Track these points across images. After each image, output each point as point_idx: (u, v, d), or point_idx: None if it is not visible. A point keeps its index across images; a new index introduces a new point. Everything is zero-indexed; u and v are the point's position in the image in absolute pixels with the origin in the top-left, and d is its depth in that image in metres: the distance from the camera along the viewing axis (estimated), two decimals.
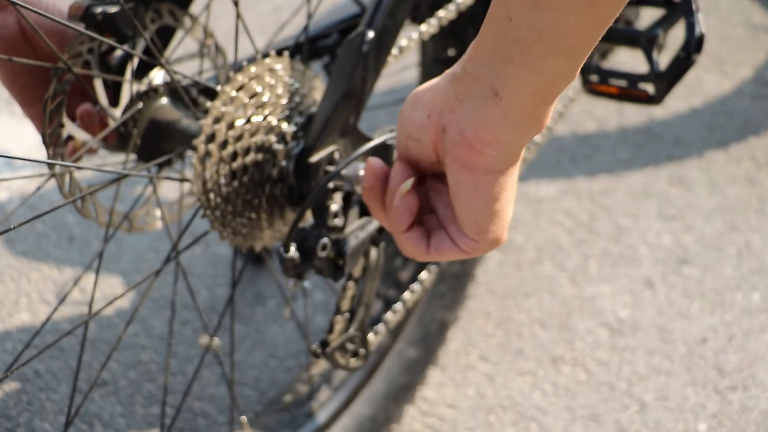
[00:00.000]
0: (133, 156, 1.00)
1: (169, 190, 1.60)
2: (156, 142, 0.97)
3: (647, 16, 1.29)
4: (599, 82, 1.20)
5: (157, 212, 1.06)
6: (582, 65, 0.63)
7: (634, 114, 1.91)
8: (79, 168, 0.88)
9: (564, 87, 0.64)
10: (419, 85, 1.44)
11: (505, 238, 0.74)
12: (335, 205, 0.86)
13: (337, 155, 0.88)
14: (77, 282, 0.99)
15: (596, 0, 0.59)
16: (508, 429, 1.30)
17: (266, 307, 1.48)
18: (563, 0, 0.59)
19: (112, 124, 0.95)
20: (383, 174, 0.76)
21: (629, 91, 1.18)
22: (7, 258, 1.54)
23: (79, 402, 1.27)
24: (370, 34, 0.84)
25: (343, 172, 0.83)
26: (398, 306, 1.14)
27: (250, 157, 0.86)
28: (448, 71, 0.69)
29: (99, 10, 0.89)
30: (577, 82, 1.25)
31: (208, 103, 0.83)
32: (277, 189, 0.89)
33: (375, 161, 0.76)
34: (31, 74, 0.93)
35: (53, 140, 0.91)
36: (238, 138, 0.85)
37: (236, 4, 0.88)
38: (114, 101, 0.97)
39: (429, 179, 0.76)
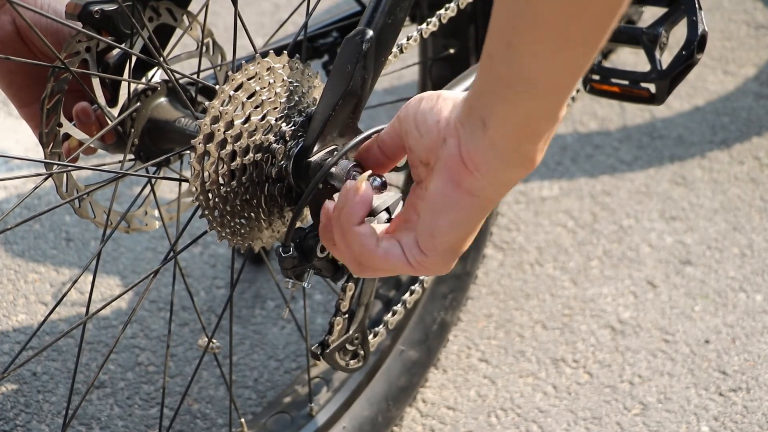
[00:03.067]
0: (130, 155, 0.99)
1: (167, 190, 1.59)
2: (154, 142, 0.97)
3: (649, 15, 1.28)
4: (601, 81, 1.19)
5: (155, 212, 1.05)
6: (562, 107, 0.64)
7: (636, 113, 1.90)
8: (76, 168, 0.87)
9: (548, 127, 0.65)
10: (419, 84, 1.44)
11: (451, 267, 0.75)
12: None
13: (336, 155, 0.87)
14: (75, 283, 0.98)
15: (566, 44, 0.59)
16: (509, 431, 1.29)
17: (265, 308, 1.47)
18: (533, 42, 0.60)
19: (110, 123, 0.94)
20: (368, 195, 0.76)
21: (631, 90, 1.17)
22: (5, 259, 1.53)
23: (76, 403, 1.27)
24: (370, 33, 0.83)
25: (335, 171, 0.83)
26: (398, 307, 1.13)
27: (249, 157, 0.85)
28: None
29: (96, 8, 0.89)
30: (578, 81, 1.24)
31: (207, 103, 0.82)
32: (276, 189, 0.88)
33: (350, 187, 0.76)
34: (27, 75, 0.92)
35: (50, 140, 0.90)
36: (237, 137, 0.84)
37: (235, 2, 0.87)
38: (112, 100, 0.96)
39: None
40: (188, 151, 0.84)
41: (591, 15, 0.58)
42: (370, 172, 0.77)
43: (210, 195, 0.85)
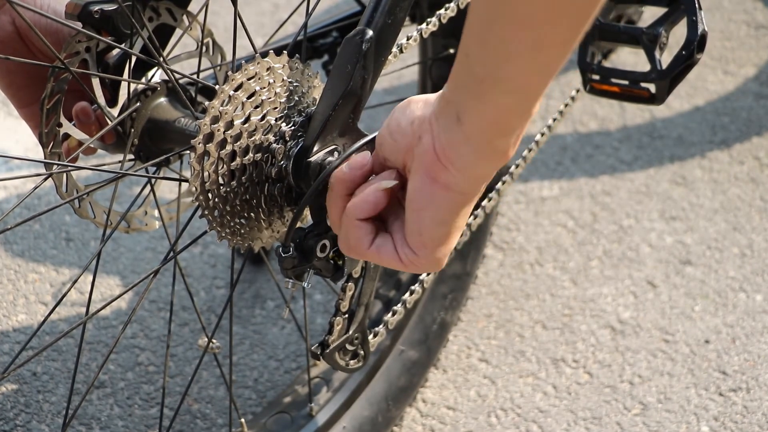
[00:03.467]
0: (130, 156, 0.99)
1: (167, 190, 1.59)
2: (154, 142, 0.97)
3: (649, 15, 1.28)
4: (601, 81, 1.19)
5: (155, 212, 1.05)
6: (535, 105, 0.65)
7: (636, 113, 1.90)
8: (76, 168, 0.87)
9: (520, 123, 0.67)
10: (419, 84, 1.44)
11: (443, 263, 0.76)
12: None
13: (336, 155, 0.87)
14: (75, 283, 0.98)
15: (540, 45, 0.61)
16: (509, 431, 1.29)
17: (265, 308, 1.47)
18: (507, 43, 0.61)
19: (110, 123, 0.94)
20: (369, 171, 0.79)
21: (631, 90, 1.17)
22: (5, 258, 1.53)
23: (76, 403, 1.27)
24: (369, 33, 0.83)
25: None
26: (398, 307, 1.13)
27: (249, 157, 0.85)
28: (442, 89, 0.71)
29: (96, 8, 0.89)
30: (578, 81, 1.24)
31: (207, 103, 0.82)
32: (276, 189, 0.88)
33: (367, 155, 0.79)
34: (27, 75, 0.92)
35: (50, 140, 0.90)
36: (237, 137, 0.84)
37: (234, 2, 0.87)
38: (112, 100, 0.96)
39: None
40: (188, 151, 0.84)
41: (566, 17, 0.60)
42: (398, 182, 0.76)
43: (210, 195, 0.85)
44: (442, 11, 1.09)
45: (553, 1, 0.59)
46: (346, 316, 1.01)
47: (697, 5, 1.11)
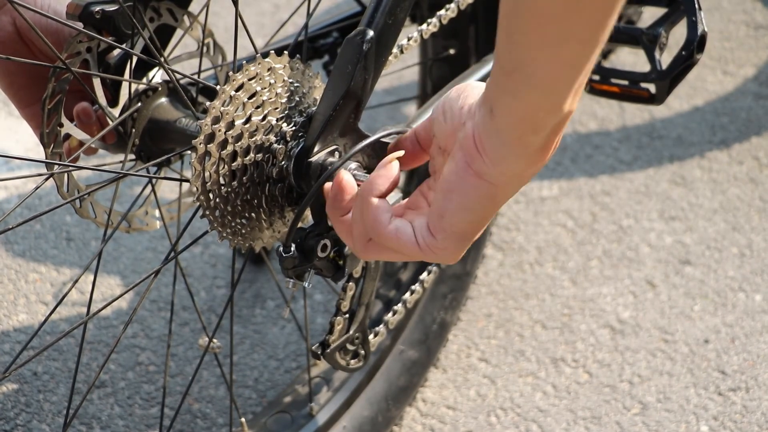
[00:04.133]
0: (131, 156, 0.99)
1: (167, 190, 1.59)
2: (155, 142, 0.97)
3: (649, 15, 1.28)
4: (601, 81, 1.19)
5: (156, 212, 1.05)
6: (564, 102, 0.65)
7: (635, 114, 1.90)
8: (77, 168, 0.88)
9: (550, 121, 0.66)
10: (419, 85, 1.44)
11: (458, 256, 0.76)
12: None
13: (337, 155, 0.87)
14: (75, 283, 0.99)
15: (563, 39, 0.61)
16: (509, 431, 1.30)
17: (266, 308, 1.48)
18: (531, 36, 0.61)
19: (111, 123, 0.94)
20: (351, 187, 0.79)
21: (631, 90, 1.17)
22: (5, 259, 1.53)
23: (77, 403, 1.27)
24: (370, 33, 0.83)
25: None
26: (399, 307, 1.13)
27: (250, 157, 0.86)
28: None
29: (97, 8, 0.89)
30: (581, 77, 1.24)
31: (208, 103, 0.83)
32: (277, 189, 0.89)
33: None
34: (28, 75, 0.92)
35: (51, 140, 0.91)
36: (238, 138, 0.84)
37: (235, 3, 0.87)
38: (113, 101, 0.96)
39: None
40: (189, 152, 0.84)
41: (588, 11, 0.59)
42: (403, 152, 0.78)
43: (211, 195, 0.85)
44: (442, 12, 1.09)
45: None
46: (347, 315, 1.01)
47: (696, 6, 1.11)
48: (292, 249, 0.85)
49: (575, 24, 0.60)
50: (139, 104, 0.96)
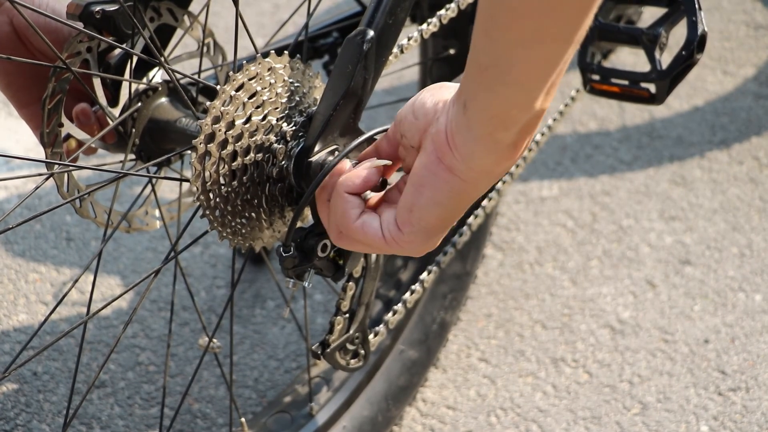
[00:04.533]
0: (131, 155, 0.99)
1: (167, 190, 1.59)
2: (155, 142, 0.97)
3: (649, 15, 1.28)
4: (601, 81, 1.19)
5: (156, 212, 1.05)
6: (536, 100, 0.65)
7: (635, 114, 1.90)
8: (77, 168, 0.88)
9: (521, 118, 0.67)
10: (419, 85, 1.44)
11: (423, 251, 0.77)
12: None
13: (337, 154, 0.87)
14: (75, 282, 0.99)
15: (540, 37, 0.62)
16: (509, 431, 1.30)
17: (266, 308, 1.48)
18: (509, 33, 0.62)
19: (111, 123, 0.94)
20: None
21: (631, 90, 1.17)
22: (5, 258, 1.53)
23: (77, 403, 1.27)
24: (371, 33, 0.83)
25: None
26: (399, 306, 1.13)
27: (250, 157, 0.86)
28: None
29: (98, 8, 0.89)
30: (578, 81, 1.24)
31: (208, 103, 0.83)
32: (277, 189, 0.89)
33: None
34: (26, 76, 0.92)
35: (51, 140, 0.91)
36: (238, 137, 0.84)
37: (236, 3, 0.87)
38: (113, 100, 0.96)
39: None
40: (189, 151, 0.84)
41: (566, 9, 0.60)
42: (389, 162, 0.79)
43: (211, 195, 0.85)
44: (442, 12, 1.09)
45: None
46: (347, 315, 1.01)
47: (696, 6, 1.11)
48: (292, 249, 0.85)
49: (553, 22, 0.61)
50: (140, 104, 0.96)
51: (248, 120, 0.85)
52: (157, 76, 0.98)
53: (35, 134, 0.94)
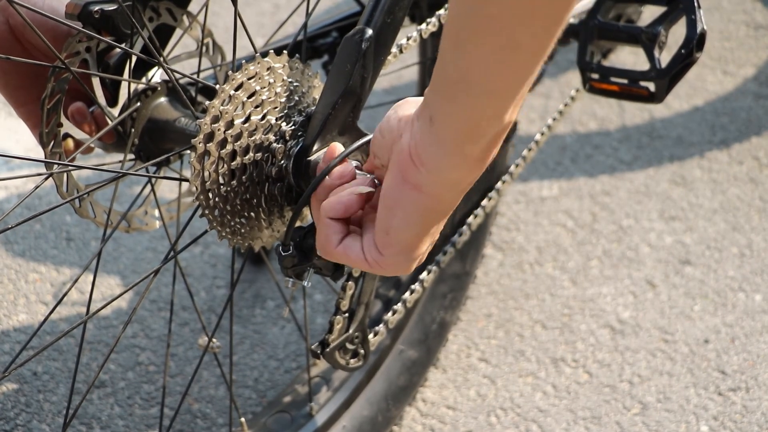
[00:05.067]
0: (131, 155, 0.99)
1: (167, 189, 1.59)
2: (154, 142, 0.97)
3: (648, 14, 1.28)
4: (600, 80, 1.19)
5: (156, 212, 1.05)
6: (506, 111, 0.65)
7: (635, 114, 1.90)
8: (77, 167, 0.88)
9: (490, 130, 0.66)
10: (419, 84, 1.44)
11: (410, 269, 0.76)
12: None
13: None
14: (75, 282, 0.99)
15: (511, 47, 0.61)
16: (509, 431, 1.30)
17: (265, 308, 1.48)
18: (481, 44, 0.61)
19: (110, 123, 0.94)
20: (351, 176, 0.80)
21: (630, 89, 1.17)
22: (5, 258, 1.53)
23: (77, 403, 1.27)
24: (369, 32, 0.83)
25: None
26: (398, 306, 1.13)
27: (249, 156, 0.86)
28: None
29: (96, 8, 0.89)
30: (578, 81, 1.24)
31: (207, 102, 0.83)
32: (276, 188, 0.89)
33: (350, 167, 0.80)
34: (23, 75, 0.92)
35: (50, 139, 0.91)
36: (237, 137, 0.84)
37: (235, 2, 0.87)
38: (112, 100, 0.96)
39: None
40: (188, 151, 0.84)
41: (535, 23, 0.60)
42: (374, 190, 0.78)
43: (210, 194, 0.85)
44: (441, 11, 1.09)
45: (522, 3, 0.59)
46: (347, 315, 1.01)
47: (696, 4, 1.11)
48: (291, 248, 0.85)
49: (524, 34, 0.60)
50: (139, 104, 0.96)
51: (247, 119, 0.85)
52: (156, 75, 0.98)
53: (33, 133, 0.94)
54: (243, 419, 1.15)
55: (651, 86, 1.14)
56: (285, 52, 0.88)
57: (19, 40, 0.91)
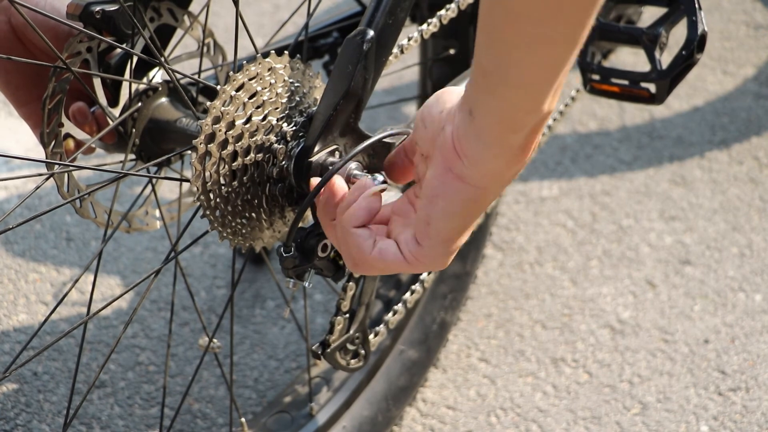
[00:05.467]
0: (131, 156, 0.99)
1: (167, 190, 1.59)
2: (155, 142, 0.97)
3: (649, 15, 1.28)
4: (601, 81, 1.19)
5: (156, 212, 1.05)
6: (544, 101, 0.65)
7: (635, 114, 1.90)
8: (77, 168, 0.87)
9: (529, 120, 0.66)
10: (419, 85, 1.44)
11: (447, 262, 0.76)
12: None
13: (337, 155, 0.87)
14: (75, 283, 0.99)
15: (541, 39, 0.61)
16: (509, 431, 1.30)
17: (266, 308, 1.48)
18: (509, 36, 0.61)
19: (111, 123, 0.94)
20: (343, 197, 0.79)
21: (631, 90, 1.17)
22: (5, 259, 1.53)
23: (77, 403, 1.27)
24: (371, 33, 0.83)
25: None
26: (399, 306, 1.13)
27: (250, 157, 0.86)
28: None
29: (98, 8, 0.89)
30: (578, 81, 1.24)
31: (208, 103, 0.83)
32: (277, 189, 0.89)
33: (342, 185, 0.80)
34: (24, 75, 0.92)
35: (51, 139, 0.91)
36: (238, 138, 0.84)
37: (236, 3, 0.87)
38: (113, 101, 0.96)
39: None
40: (189, 151, 0.84)
41: (566, 12, 0.60)
42: (385, 186, 0.78)
43: (211, 195, 0.85)
44: (442, 12, 1.09)
45: None
46: (347, 315, 1.01)
47: (696, 5, 1.11)
48: (293, 249, 0.85)
49: (554, 24, 0.60)
50: (140, 104, 0.96)
51: (248, 120, 0.85)
52: (157, 76, 0.98)
53: (34, 133, 0.94)
54: (243, 419, 1.15)
55: (652, 87, 1.14)
56: (286, 52, 0.88)
57: (20, 40, 0.91)
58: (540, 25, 0.60)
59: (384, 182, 0.80)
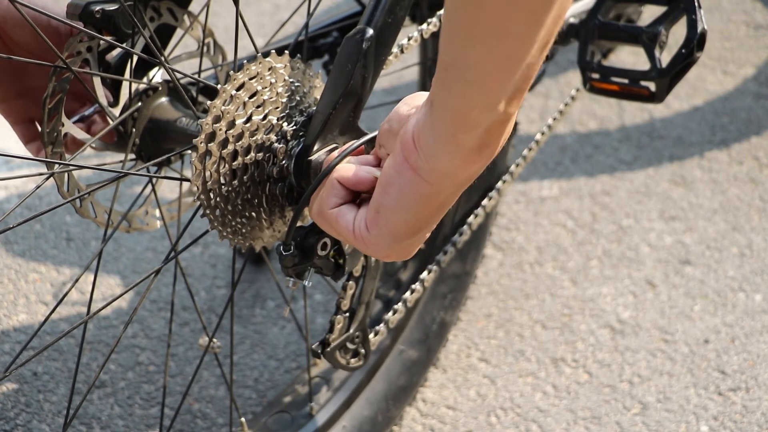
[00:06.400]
0: (132, 155, 0.99)
1: (167, 189, 1.59)
2: (155, 142, 0.97)
3: (649, 14, 1.29)
4: (600, 79, 1.19)
5: (156, 212, 1.05)
6: (499, 101, 0.64)
7: (635, 114, 1.90)
8: (77, 167, 0.88)
9: (483, 120, 0.66)
10: (419, 84, 1.44)
11: (388, 255, 0.76)
12: None
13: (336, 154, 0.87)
14: (75, 282, 0.98)
15: (499, 34, 0.61)
16: (509, 431, 1.30)
17: (266, 308, 1.48)
18: (468, 30, 0.61)
19: (111, 123, 0.94)
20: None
21: (631, 89, 1.17)
22: (5, 258, 1.53)
23: (77, 403, 1.27)
24: (370, 32, 0.83)
25: None
26: (399, 306, 1.13)
27: (250, 156, 0.86)
28: None
29: (98, 8, 0.89)
30: (578, 80, 1.24)
31: (208, 102, 0.83)
32: (277, 188, 0.89)
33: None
34: (3, 71, 0.92)
35: (51, 139, 0.91)
36: (239, 137, 0.84)
37: (236, 2, 0.87)
38: (113, 100, 0.96)
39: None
40: (189, 151, 0.84)
41: (523, 7, 0.59)
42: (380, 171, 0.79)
43: (211, 194, 0.85)
44: (442, 11, 1.09)
45: None
46: (347, 314, 1.01)
47: (696, 4, 1.11)
48: (292, 248, 0.85)
49: (510, 20, 0.60)
50: (140, 104, 0.96)
51: (249, 119, 0.85)
52: (157, 75, 0.98)
53: (14, 130, 0.94)
54: (243, 419, 1.15)
55: (651, 86, 1.14)
56: (286, 52, 0.88)
57: (2, 39, 0.90)
58: (497, 21, 0.60)
59: None
